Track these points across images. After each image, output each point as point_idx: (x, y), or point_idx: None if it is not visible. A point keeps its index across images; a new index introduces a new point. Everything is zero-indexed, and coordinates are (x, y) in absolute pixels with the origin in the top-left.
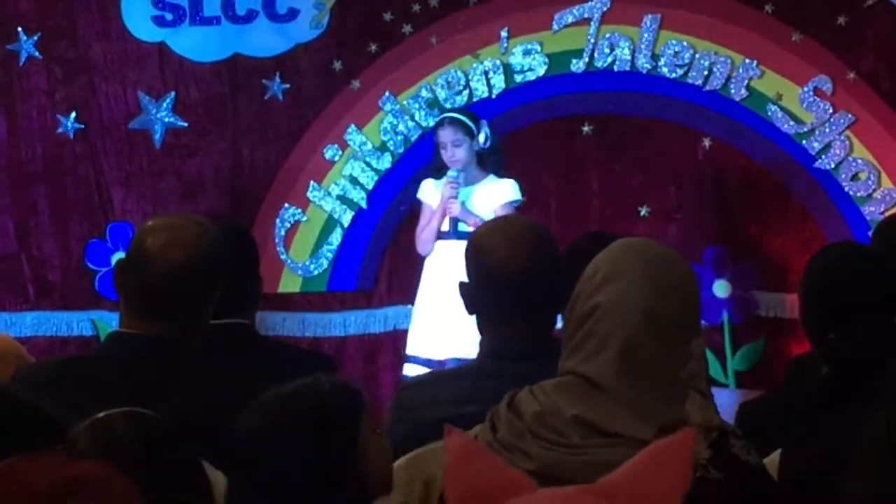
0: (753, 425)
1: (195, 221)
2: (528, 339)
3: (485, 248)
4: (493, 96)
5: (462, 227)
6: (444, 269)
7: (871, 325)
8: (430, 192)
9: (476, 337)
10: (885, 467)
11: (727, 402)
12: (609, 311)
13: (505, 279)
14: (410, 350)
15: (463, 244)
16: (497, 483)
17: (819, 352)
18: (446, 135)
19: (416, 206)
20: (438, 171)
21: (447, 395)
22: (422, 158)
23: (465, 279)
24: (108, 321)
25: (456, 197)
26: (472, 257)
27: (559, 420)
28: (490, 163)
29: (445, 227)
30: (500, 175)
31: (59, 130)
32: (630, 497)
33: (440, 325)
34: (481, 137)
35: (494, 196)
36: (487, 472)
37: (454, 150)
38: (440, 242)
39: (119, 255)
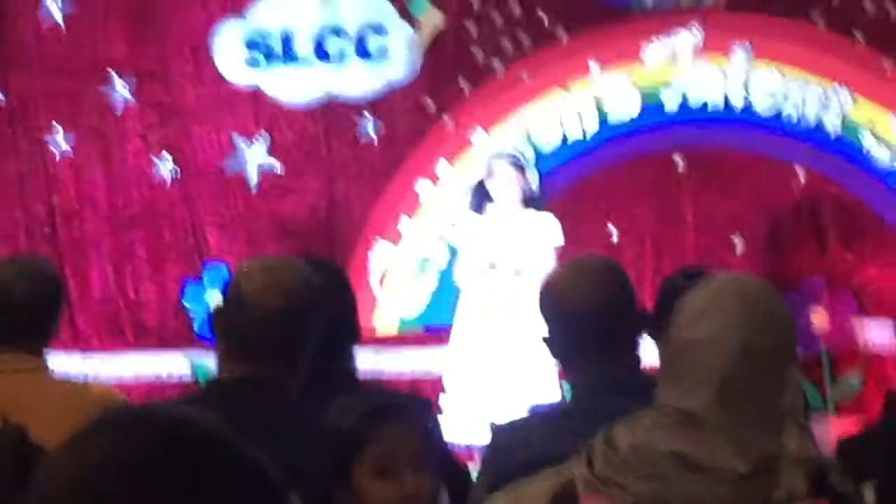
0: (852, 458)
1: (291, 264)
2: (616, 377)
3: (561, 290)
4: (587, 136)
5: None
6: (482, 303)
7: None
8: (466, 226)
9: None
10: None
11: (826, 432)
12: (707, 346)
13: (584, 319)
14: (447, 385)
15: (498, 277)
16: None
17: None
18: (503, 171)
19: None
20: (480, 205)
21: (540, 435)
22: None
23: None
24: (205, 362)
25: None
26: (548, 300)
27: (656, 454)
28: (536, 202)
29: (484, 263)
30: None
31: (155, 174)
32: None
33: (476, 360)
34: (532, 177)
35: (540, 231)
36: None
37: (508, 188)
38: (479, 276)
39: (214, 295)
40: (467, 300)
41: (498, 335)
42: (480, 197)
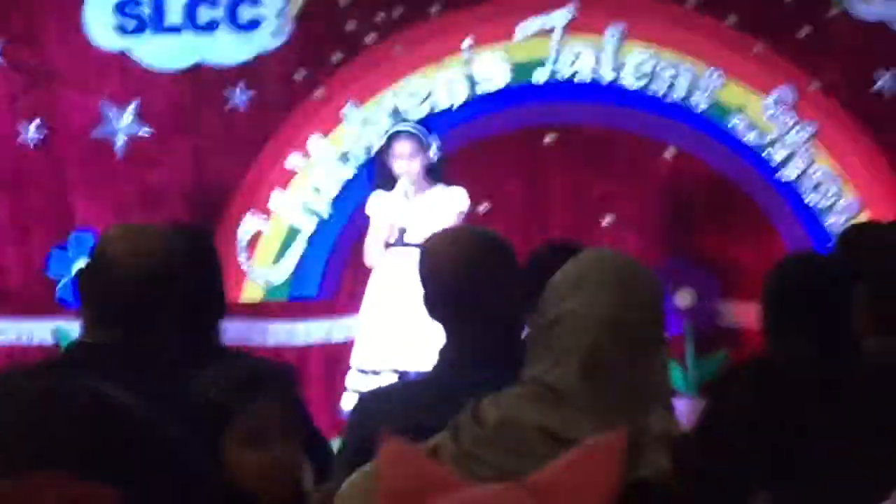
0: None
1: (156, 229)
2: (485, 346)
3: (436, 257)
4: (456, 107)
5: (408, 237)
6: (392, 279)
7: (825, 330)
8: (377, 204)
9: (422, 347)
10: None
11: (688, 411)
12: (574, 320)
13: (457, 287)
14: (356, 361)
15: (409, 253)
16: (425, 482)
17: (776, 354)
18: (402, 147)
19: None
20: (386, 182)
21: (406, 405)
22: None
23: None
24: (69, 330)
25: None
26: (424, 267)
27: (522, 429)
28: (438, 174)
29: (392, 237)
30: (448, 184)
31: (21, 138)
32: (556, 494)
33: (387, 336)
34: (432, 150)
35: (446, 205)
36: (416, 472)
37: (409, 163)
38: (388, 253)
39: (79, 263)
40: (378, 276)
41: (409, 309)
42: (383, 173)
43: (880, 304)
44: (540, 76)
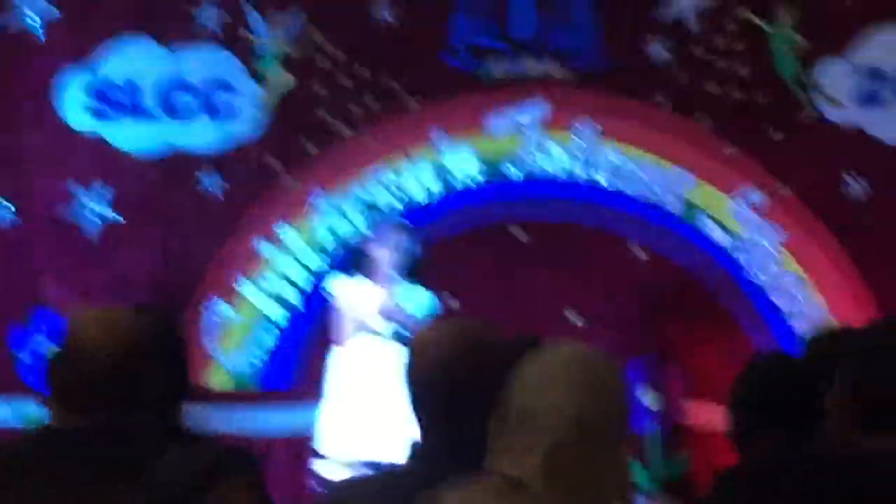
0: None
1: (126, 314)
2: (456, 441)
3: (415, 349)
4: (428, 200)
5: (371, 325)
6: (364, 364)
7: (792, 431)
8: (342, 288)
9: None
10: None
11: None
12: (539, 415)
13: (428, 379)
14: (322, 447)
15: (370, 340)
16: None
17: (745, 460)
18: (394, 238)
19: None
20: (353, 266)
21: (372, 497)
22: None
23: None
24: (29, 407)
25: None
26: (412, 365)
27: None
28: (414, 271)
29: (374, 325)
30: (419, 283)
31: None
32: None
33: (349, 423)
34: (416, 248)
35: (414, 304)
36: None
37: (394, 254)
38: (364, 338)
39: (42, 341)
40: (343, 364)
41: (370, 398)
42: (357, 260)
43: (865, 403)
44: (510, 172)
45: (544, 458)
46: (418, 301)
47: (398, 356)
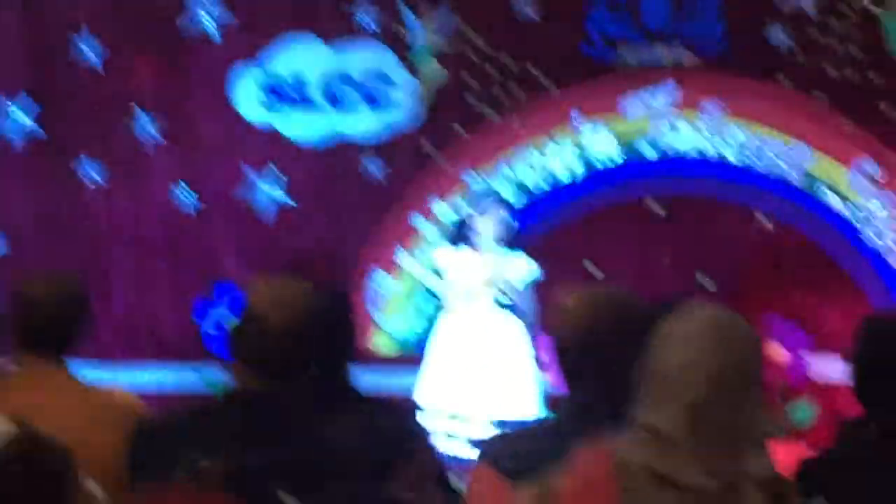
0: (811, 479)
1: (298, 285)
2: (608, 395)
3: (566, 313)
4: (571, 179)
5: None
6: (468, 327)
7: None
8: (447, 258)
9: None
10: None
11: (785, 457)
12: (679, 372)
13: (579, 340)
14: (424, 400)
15: (490, 307)
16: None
17: (867, 411)
18: (494, 210)
19: None
20: (461, 239)
21: (527, 449)
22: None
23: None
24: (214, 374)
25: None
26: (566, 323)
27: (633, 468)
28: (512, 241)
29: (478, 290)
30: (519, 251)
31: (176, 203)
32: None
33: (451, 380)
34: (513, 217)
35: (519, 268)
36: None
37: (496, 225)
38: (469, 303)
39: (225, 313)
40: (449, 326)
41: (476, 361)
42: (465, 232)
43: None
44: (645, 150)
45: (685, 412)
46: (519, 268)
47: (500, 320)
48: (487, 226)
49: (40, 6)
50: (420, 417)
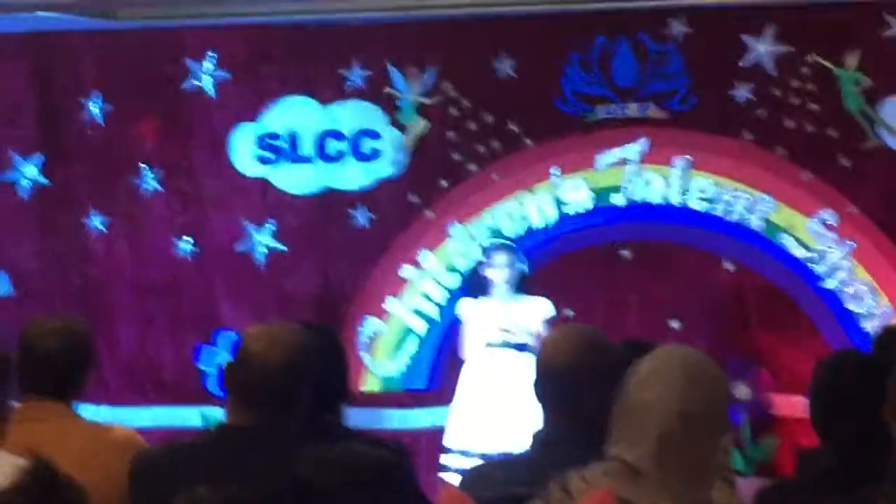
0: None
1: (291, 328)
2: (578, 428)
3: (543, 349)
4: (546, 226)
5: (506, 338)
6: (489, 372)
7: (869, 420)
8: (472, 307)
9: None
10: None
11: (748, 490)
12: (650, 409)
13: (552, 375)
14: (450, 442)
15: (505, 351)
16: None
17: (825, 443)
18: (500, 258)
19: None
20: (477, 289)
21: (503, 478)
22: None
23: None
24: (215, 415)
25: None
26: (541, 356)
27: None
28: (523, 286)
29: (495, 337)
30: (529, 294)
31: (176, 252)
32: None
33: (477, 421)
34: (522, 265)
35: (535, 312)
36: None
37: (505, 272)
38: (489, 350)
39: (224, 357)
40: (471, 372)
41: (495, 400)
42: (479, 283)
43: None
44: (616, 200)
45: (656, 447)
46: (533, 311)
47: (518, 364)
48: (498, 275)
49: (49, 70)
50: (450, 459)
